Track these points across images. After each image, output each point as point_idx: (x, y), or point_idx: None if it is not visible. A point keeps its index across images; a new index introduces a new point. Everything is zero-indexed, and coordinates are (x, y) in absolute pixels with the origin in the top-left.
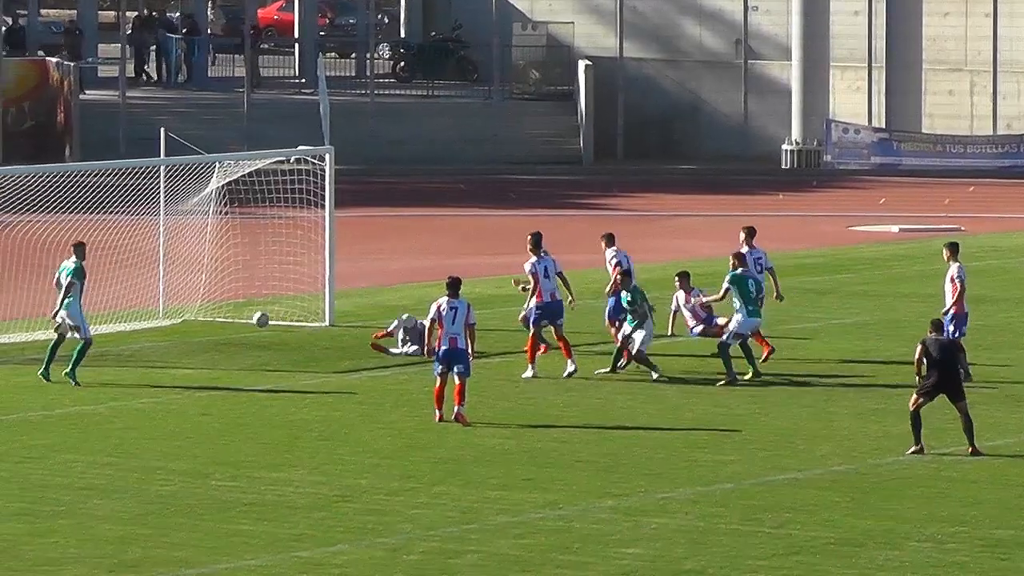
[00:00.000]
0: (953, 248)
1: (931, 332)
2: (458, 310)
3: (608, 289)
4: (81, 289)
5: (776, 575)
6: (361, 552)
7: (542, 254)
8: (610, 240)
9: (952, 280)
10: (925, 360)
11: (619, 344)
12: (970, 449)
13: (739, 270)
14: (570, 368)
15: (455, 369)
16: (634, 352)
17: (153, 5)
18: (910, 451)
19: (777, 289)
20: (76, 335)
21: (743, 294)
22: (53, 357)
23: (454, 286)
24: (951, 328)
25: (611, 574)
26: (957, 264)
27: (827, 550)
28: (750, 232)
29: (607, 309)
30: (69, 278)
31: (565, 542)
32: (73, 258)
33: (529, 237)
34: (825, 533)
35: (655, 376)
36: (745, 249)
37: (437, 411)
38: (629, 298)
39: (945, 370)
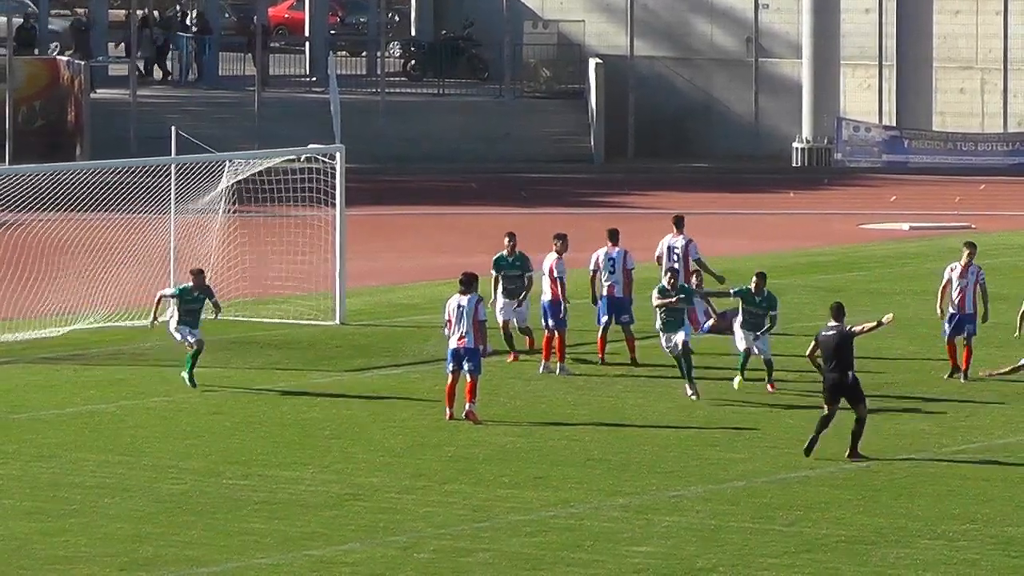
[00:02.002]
0: (975, 248)
1: (831, 320)
2: (465, 308)
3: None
4: (176, 308)
5: (787, 573)
6: (372, 550)
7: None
8: (612, 236)
9: (979, 283)
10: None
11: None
12: (848, 452)
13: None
14: (550, 369)
15: (465, 367)
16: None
17: (162, 4)
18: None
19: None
20: (189, 339)
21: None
22: (194, 364)
23: (466, 283)
24: (968, 327)
25: (622, 572)
26: (978, 267)
27: (838, 548)
28: (678, 221)
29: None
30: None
31: (576, 540)
32: (190, 284)
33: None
34: (836, 531)
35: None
36: (670, 236)
37: (448, 409)
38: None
39: (836, 367)
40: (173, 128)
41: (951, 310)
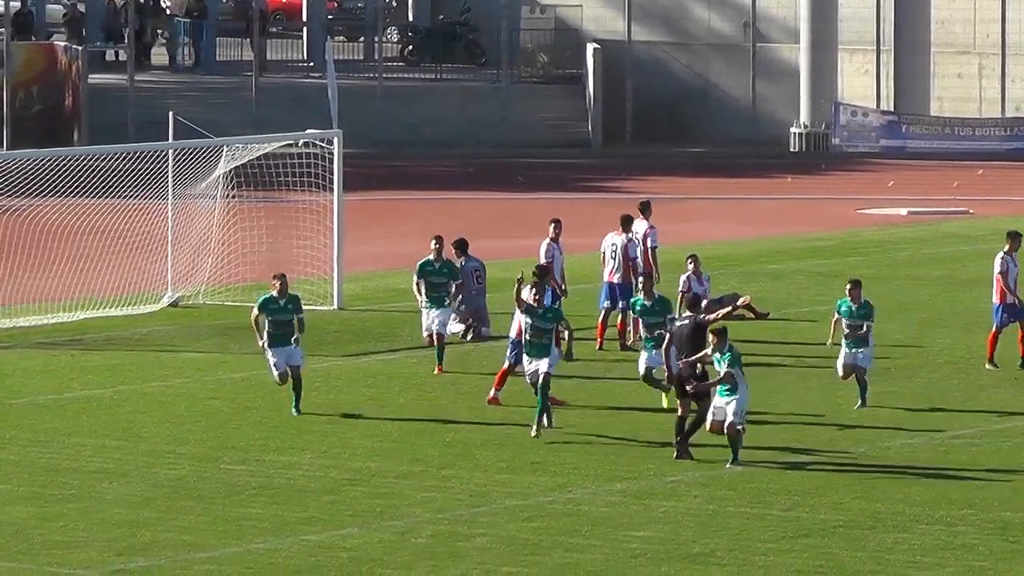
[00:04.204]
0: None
1: (685, 311)
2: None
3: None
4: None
5: (785, 558)
6: (370, 535)
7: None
8: (626, 223)
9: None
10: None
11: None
12: (676, 453)
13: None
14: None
15: (508, 353)
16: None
17: None
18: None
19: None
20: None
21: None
22: (299, 396)
23: (538, 273)
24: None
25: (620, 557)
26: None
27: (836, 533)
28: (644, 207)
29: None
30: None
31: (574, 525)
32: (273, 292)
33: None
34: (834, 516)
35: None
36: (637, 221)
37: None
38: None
39: (687, 358)
40: (171, 113)
41: (1008, 299)
